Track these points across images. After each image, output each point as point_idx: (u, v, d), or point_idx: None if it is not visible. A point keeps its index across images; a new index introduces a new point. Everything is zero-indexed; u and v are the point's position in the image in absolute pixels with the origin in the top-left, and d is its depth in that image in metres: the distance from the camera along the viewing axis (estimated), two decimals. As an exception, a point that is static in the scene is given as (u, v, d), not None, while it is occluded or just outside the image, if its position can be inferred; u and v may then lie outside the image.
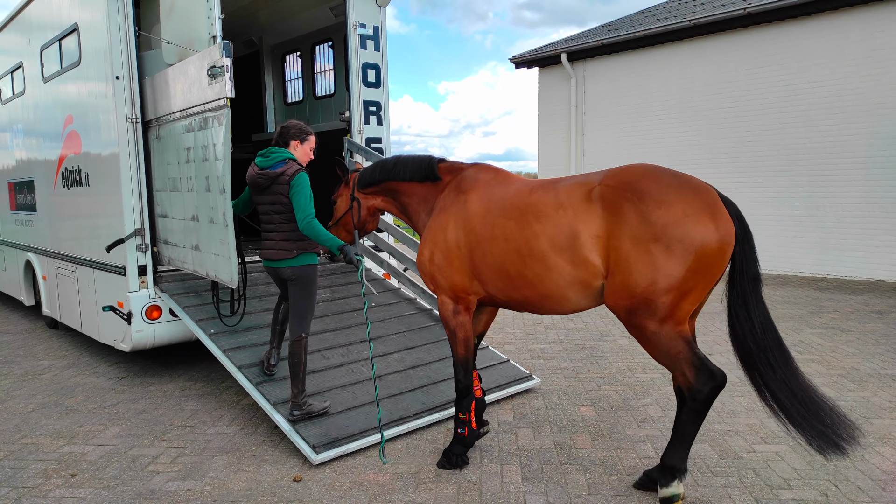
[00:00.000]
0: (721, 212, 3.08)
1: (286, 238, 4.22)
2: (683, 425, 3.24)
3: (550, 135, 14.75)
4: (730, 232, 3.07)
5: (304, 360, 4.24)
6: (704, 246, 3.00)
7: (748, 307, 3.15)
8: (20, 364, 6.58)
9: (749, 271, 3.14)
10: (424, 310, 6.27)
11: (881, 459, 3.90)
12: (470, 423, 3.92)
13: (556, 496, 3.54)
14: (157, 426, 4.73)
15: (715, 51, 11.91)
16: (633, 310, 3.14)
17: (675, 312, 3.08)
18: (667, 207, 3.05)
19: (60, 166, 6.76)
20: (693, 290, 3.06)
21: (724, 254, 3.06)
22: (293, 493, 3.65)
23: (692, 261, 3.00)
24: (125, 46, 5.40)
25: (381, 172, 4.21)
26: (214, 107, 4.41)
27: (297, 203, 4.08)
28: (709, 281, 3.09)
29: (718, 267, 3.07)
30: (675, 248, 3.01)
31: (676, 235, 3.01)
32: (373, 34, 6.92)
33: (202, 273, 4.99)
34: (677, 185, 3.13)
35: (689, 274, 3.01)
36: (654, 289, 3.05)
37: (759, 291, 3.18)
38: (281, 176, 4.13)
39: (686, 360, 3.13)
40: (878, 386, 5.25)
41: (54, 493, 3.71)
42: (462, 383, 3.91)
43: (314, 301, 4.36)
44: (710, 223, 3.02)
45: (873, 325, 7.38)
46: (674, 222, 3.02)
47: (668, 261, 3.02)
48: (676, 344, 3.12)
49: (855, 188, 10.54)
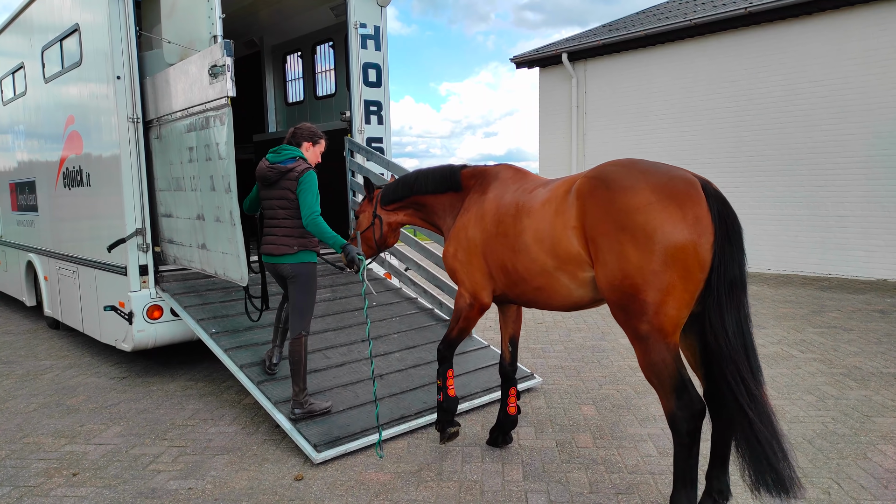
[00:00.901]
0: (693, 201, 2.82)
1: (288, 234, 4.26)
2: (676, 463, 3.00)
3: (551, 135, 14.75)
4: (702, 224, 2.79)
5: (304, 359, 4.25)
6: (669, 235, 2.77)
7: (722, 312, 2.83)
8: (21, 364, 6.59)
9: (727, 273, 2.82)
10: (425, 309, 6.27)
11: (884, 458, 3.89)
12: (446, 390, 4.04)
13: (558, 494, 3.54)
14: (158, 425, 4.73)
15: (716, 50, 11.90)
16: (622, 307, 2.98)
17: (661, 316, 2.84)
18: (632, 194, 2.89)
19: (62, 167, 6.76)
20: (673, 289, 2.80)
21: (695, 247, 2.77)
22: (295, 491, 3.64)
23: (660, 252, 2.78)
24: (126, 46, 5.40)
25: (404, 188, 4.29)
26: (216, 106, 4.42)
27: (303, 200, 4.14)
28: (687, 279, 2.80)
29: (693, 263, 2.78)
30: (640, 237, 2.83)
31: (639, 223, 2.83)
32: (373, 34, 6.93)
33: (210, 271, 4.99)
34: (649, 173, 2.95)
35: (660, 267, 2.79)
36: (631, 282, 2.87)
37: (739, 297, 2.86)
38: (290, 172, 4.20)
39: (671, 377, 2.90)
40: (881, 384, 5.24)
41: (56, 492, 3.71)
42: (441, 353, 4.07)
43: (314, 299, 4.38)
44: (675, 211, 2.79)
45: (875, 324, 7.37)
46: (636, 208, 2.85)
47: (636, 251, 2.84)
48: (663, 356, 2.89)
49: (857, 187, 10.52)
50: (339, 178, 7.07)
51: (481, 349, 5.71)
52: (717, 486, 3.13)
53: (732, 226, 2.86)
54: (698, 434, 2.92)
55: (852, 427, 4.37)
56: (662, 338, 2.89)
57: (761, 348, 6.46)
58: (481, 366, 5.38)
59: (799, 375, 5.54)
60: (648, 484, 3.64)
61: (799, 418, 4.55)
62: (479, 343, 5.81)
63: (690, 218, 2.80)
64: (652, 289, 2.83)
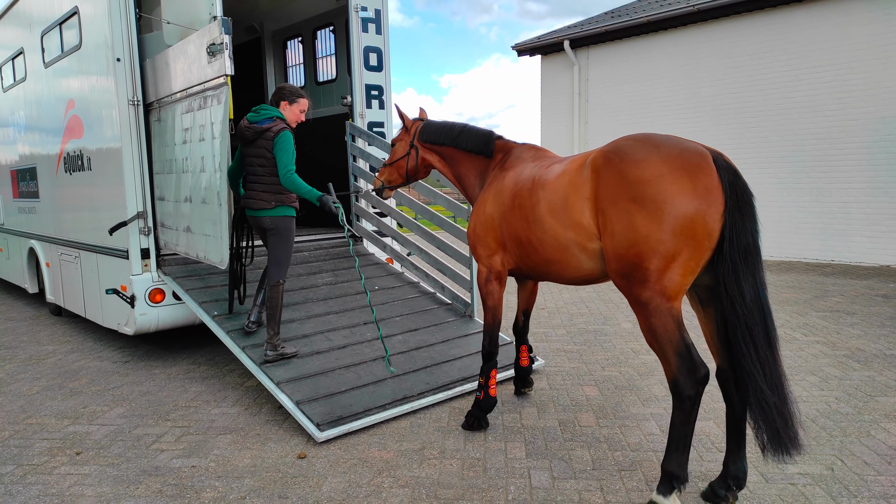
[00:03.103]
0: (704, 173, 2.86)
1: (266, 190, 4.57)
2: (673, 428, 3.02)
3: (553, 123, 14.69)
4: (712, 195, 2.83)
5: (280, 305, 4.64)
6: (678, 206, 2.82)
7: (738, 278, 2.86)
8: (24, 349, 6.60)
9: (740, 242, 2.86)
10: (427, 293, 6.26)
11: (887, 435, 3.88)
12: (487, 389, 4.12)
13: (561, 471, 3.54)
14: (161, 407, 4.74)
15: (719, 36, 11.83)
16: (624, 275, 3.03)
17: (664, 282, 2.90)
18: (645, 166, 2.94)
19: (63, 151, 6.75)
20: (678, 256, 2.85)
21: (705, 217, 2.82)
22: (298, 469, 3.65)
23: (669, 222, 2.83)
24: (126, 29, 5.37)
25: (447, 136, 4.41)
26: (214, 85, 4.39)
27: (279, 158, 4.43)
28: (694, 247, 2.85)
29: (701, 232, 2.83)
30: (650, 208, 2.87)
31: (650, 194, 2.88)
32: (374, 17, 6.88)
33: (192, 255, 4.99)
34: (662, 146, 2.99)
35: (668, 236, 2.84)
36: (637, 251, 2.92)
37: (756, 265, 2.90)
38: (266, 132, 4.49)
39: (673, 342, 2.95)
40: (884, 366, 5.22)
41: (59, 471, 3.72)
42: (486, 349, 4.18)
43: (290, 251, 4.73)
44: (686, 183, 2.84)
45: (879, 307, 7.35)
46: (648, 180, 2.90)
47: (645, 221, 2.89)
48: (666, 321, 2.94)
49: (860, 173, 10.48)
50: (341, 162, 7.05)
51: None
52: (733, 471, 3.12)
53: (743, 195, 2.89)
54: (698, 400, 2.96)
55: (856, 406, 4.37)
56: (664, 302, 2.93)
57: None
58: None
59: (802, 357, 5.53)
60: (651, 461, 3.63)
61: (802, 398, 4.54)
62: (482, 325, 5.80)
63: (701, 188, 2.84)
64: (657, 257, 2.88)
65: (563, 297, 8.64)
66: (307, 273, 6.17)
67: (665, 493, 3.01)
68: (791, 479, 3.36)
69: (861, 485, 3.30)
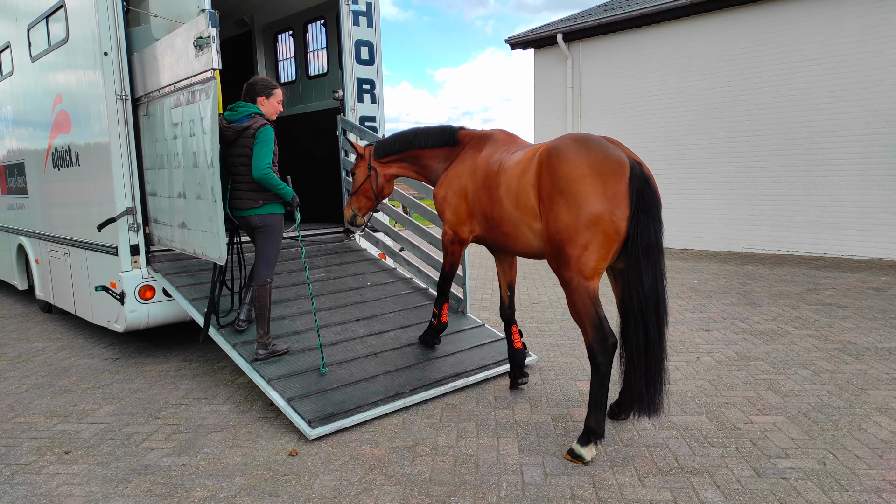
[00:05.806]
0: (617, 180, 3.38)
1: (253, 189, 4.52)
2: (593, 389, 3.59)
3: (546, 116, 14.65)
4: (618, 199, 3.37)
5: (269, 304, 4.59)
6: (591, 205, 3.37)
7: (639, 270, 3.42)
8: (13, 347, 6.54)
9: (643, 239, 3.39)
10: (420, 289, 6.23)
11: (878, 429, 3.89)
12: (440, 316, 4.92)
13: (553, 467, 3.53)
14: (151, 405, 4.70)
15: (712, 29, 11.80)
16: (553, 256, 3.58)
17: (580, 265, 3.44)
18: (573, 166, 3.46)
19: (51, 147, 6.67)
20: (590, 245, 3.40)
21: (612, 217, 3.37)
22: (289, 466, 3.63)
23: (583, 216, 3.38)
24: (113, 21, 5.29)
25: (402, 143, 4.77)
26: (202, 79, 4.33)
27: (256, 152, 4.38)
28: (604, 239, 3.40)
29: (609, 228, 3.38)
30: (571, 202, 3.43)
31: (572, 190, 3.43)
32: (365, 10, 6.82)
33: (189, 251, 4.94)
34: (591, 151, 3.48)
35: (583, 228, 3.39)
36: (560, 237, 3.48)
37: (657, 259, 3.44)
38: (247, 130, 4.44)
39: (590, 316, 3.51)
40: (875, 359, 5.24)
41: (48, 470, 3.68)
42: (441, 287, 4.87)
43: (278, 249, 4.69)
44: (599, 186, 3.38)
45: (870, 301, 7.37)
46: (573, 178, 3.44)
47: (567, 213, 3.44)
48: (584, 298, 3.49)
49: (852, 166, 10.50)
50: (332, 156, 6.99)
51: (476, 328, 5.68)
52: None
53: (650, 200, 3.43)
54: (610, 364, 3.55)
55: (847, 399, 4.38)
56: (583, 281, 3.48)
57: (756, 325, 6.46)
58: (476, 344, 5.35)
59: (794, 351, 5.54)
60: (644, 456, 3.63)
61: (794, 392, 4.55)
62: (474, 322, 5.78)
63: (610, 193, 3.38)
64: (575, 244, 3.44)
65: (557, 291, 8.63)
66: (298, 269, 6.13)
67: (584, 443, 3.54)
68: (783, 474, 3.36)
69: (853, 479, 3.30)
